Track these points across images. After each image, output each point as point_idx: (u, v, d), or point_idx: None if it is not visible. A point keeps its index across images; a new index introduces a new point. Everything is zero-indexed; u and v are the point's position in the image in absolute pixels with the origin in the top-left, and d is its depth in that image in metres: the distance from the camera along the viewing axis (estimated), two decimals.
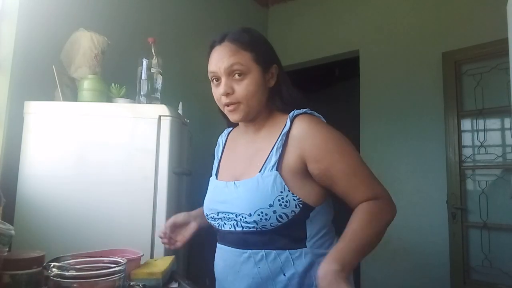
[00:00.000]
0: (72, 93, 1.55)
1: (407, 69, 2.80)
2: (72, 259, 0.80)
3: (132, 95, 1.60)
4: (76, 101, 1.52)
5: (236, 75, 0.90)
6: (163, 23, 2.34)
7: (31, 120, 1.40)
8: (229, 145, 1.09)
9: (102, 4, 1.96)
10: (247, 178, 0.91)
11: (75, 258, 0.81)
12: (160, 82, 1.65)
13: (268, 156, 0.91)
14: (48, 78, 1.51)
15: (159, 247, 1.27)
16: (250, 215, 0.86)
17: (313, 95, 4.10)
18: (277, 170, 0.88)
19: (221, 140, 1.13)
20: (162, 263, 1.06)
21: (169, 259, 1.10)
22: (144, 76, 1.60)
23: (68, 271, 0.73)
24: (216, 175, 1.04)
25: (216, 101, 0.95)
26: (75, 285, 0.71)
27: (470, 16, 2.56)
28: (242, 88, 0.90)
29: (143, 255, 1.05)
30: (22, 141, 1.38)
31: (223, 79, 0.91)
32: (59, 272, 0.71)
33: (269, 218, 0.85)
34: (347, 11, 3.15)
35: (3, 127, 1.46)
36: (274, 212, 0.85)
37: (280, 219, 0.85)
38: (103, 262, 0.80)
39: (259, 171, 0.89)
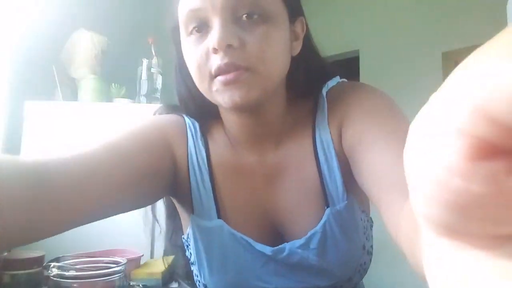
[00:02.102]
0: (72, 93, 1.56)
1: (407, 69, 2.81)
2: (72, 259, 0.80)
3: (132, 95, 1.60)
4: (76, 101, 1.52)
5: (246, 16, 0.47)
6: (163, 23, 2.34)
7: (31, 119, 1.40)
8: (224, 164, 0.58)
9: (102, 5, 1.96)
10: (303, 228, 0.55)
11: (75, 258, 0.81)
12: (160, 82, 1.65)
13: (321, 173, 0.55)
14: (48, 78, 1.51)
15: (159, 247, 1.27)
16: (350, 279, 0.57)
17: None
18: (350, 191, 0.54)
19: (194, 156, 0.58)
20: (162, 263, 1.06)
21: (169, 259, 1.10)
22: (144, 76, 1.60)
23: (68, 271, 0.73)
24: (219, 216, 0.57)
25: (194, 69, 0.50)
26: (75, 285, 0.70)
27: (471, 16, 2.56)
28: (259, 38, 0.47)
29: (143, 255, 1.06)
30: (22, 140, 1.38)
31: (218, 23, 0.46)
32: (59, 272, 0.71)
33: (367, 263, 0.60)
34: (347, 10, 3.15)
35: (4, 126, 1.46)
36: (369, 252, 0.59)
37: (370, 256, 0.60)
38: (103, 262, 0.80)
39: (327, 206, 0.54)
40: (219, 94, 0.48)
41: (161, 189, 0.57)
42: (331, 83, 0.59)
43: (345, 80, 0.61)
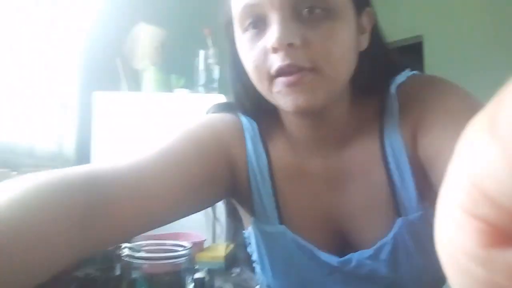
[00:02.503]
0: (136, 84, 1.63)
1: (480, 55, 2.54)
2: (141, 241, 0.83)
3: (191, 86, 1.64)
4: (140, 91, 1.59)
5: (308, 11, 0.43)
6: (219, 14, 2.37)
7: (99, 108, 1.48)
8: (285, 168, 0.55)
9: None
10: (371, 237, 0.51)
11: (144, 240, 0.84)
12: (218, 73, 1.66)
13: (392, 179, 0.50)
14: (114, 70, 1.59)
15: (220, 233, 1.29)
16: None
17: None
18: (426, 200, 0.49)
19: (254, 159, 0.55)
20: (224, 248, 1.07)
21: (231, 244, 1.11)
22: (201, 66, 1.62)
23: (138, 252, 0.75)
24: (281, 221, 0.55)
25: (251, 69, 0.47)
26: (145, 265, 0.73)
27: None
28: (323, 36, 0.43)
29: (206, 239, 1.07)
30: (92, 127, 1.47)
31: (277, 19, 0.42)
32: (130, 253, 0.74)
33: (446, 279, 0.50)
34: None
35: (75, 115, 1.56)
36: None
37: None
38: (169, 245, 0.82)
39: (398, 216, 0.50)
40: (282, 97, 0.45)
41: (219, 193, 0.55)
42: (400, 78, 0.53)
43: (415, 72, 0.55)
